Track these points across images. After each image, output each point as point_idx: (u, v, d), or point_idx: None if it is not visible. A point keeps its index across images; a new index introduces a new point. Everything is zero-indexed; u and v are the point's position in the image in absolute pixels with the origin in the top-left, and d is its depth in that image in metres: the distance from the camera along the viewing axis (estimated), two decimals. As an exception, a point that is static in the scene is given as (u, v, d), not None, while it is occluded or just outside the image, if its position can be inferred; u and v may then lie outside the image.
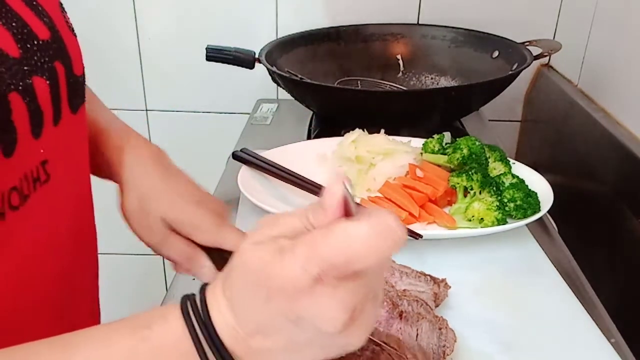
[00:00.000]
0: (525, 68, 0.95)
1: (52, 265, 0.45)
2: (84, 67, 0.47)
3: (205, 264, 0.54)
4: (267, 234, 0.31)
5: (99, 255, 0.56)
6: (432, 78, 1.16)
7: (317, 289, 0.28)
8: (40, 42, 0.41)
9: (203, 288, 0.34)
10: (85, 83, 0.48)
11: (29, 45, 0.40)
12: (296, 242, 0.29)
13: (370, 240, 0.28)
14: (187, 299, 0.33)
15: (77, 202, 0.49)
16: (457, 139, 0.80)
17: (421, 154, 0.83)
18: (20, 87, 0.38)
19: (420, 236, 0.66)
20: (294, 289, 0.29)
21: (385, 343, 0.49)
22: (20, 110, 0.38)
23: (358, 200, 0.77)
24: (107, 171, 0.56)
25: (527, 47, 1.03)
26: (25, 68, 0.39)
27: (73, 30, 0.47)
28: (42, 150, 0.41)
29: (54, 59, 0.42)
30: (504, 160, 0.80)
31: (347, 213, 0.31)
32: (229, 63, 1.01)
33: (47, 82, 0.41)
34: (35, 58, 0.40)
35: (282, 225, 0.32)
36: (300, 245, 0.29)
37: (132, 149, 0.56)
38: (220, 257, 0.54)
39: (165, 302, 0.64)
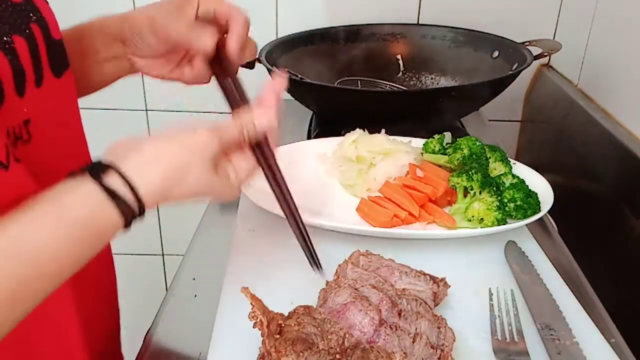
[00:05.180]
0: (525, 68, 0.95)
1: None
2: (61, 33, 0.49)
3: None
4: None
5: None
6: (432, 78, 1.16)
7: None
8: (14, 3, 0.43)
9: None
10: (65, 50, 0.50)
11: (3, 6, 0.42)
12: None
13: None
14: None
15: (65, 164, 0.47)
16: (458, 139, 0.80)
17: (422, 154, 0.83)
18: (2, 45, 0.40)
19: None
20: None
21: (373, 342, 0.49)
22: (4, 67, 0.40)
23: (358, 200, 0.77)
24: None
25: (527, 47, 1.03)
26: (6, 26, 0.41)
27: None
28: (25, 110, 0.43)
29: (29, 20, 0.44)
30: (504, 160, 0.79)
31: None
32: (229, 63, 1.01)
33: (26, 42, 0.43)
34: (12, 19, 0.42)
35: None
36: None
37: None
38: None
39: (166, 302, 0.64)
